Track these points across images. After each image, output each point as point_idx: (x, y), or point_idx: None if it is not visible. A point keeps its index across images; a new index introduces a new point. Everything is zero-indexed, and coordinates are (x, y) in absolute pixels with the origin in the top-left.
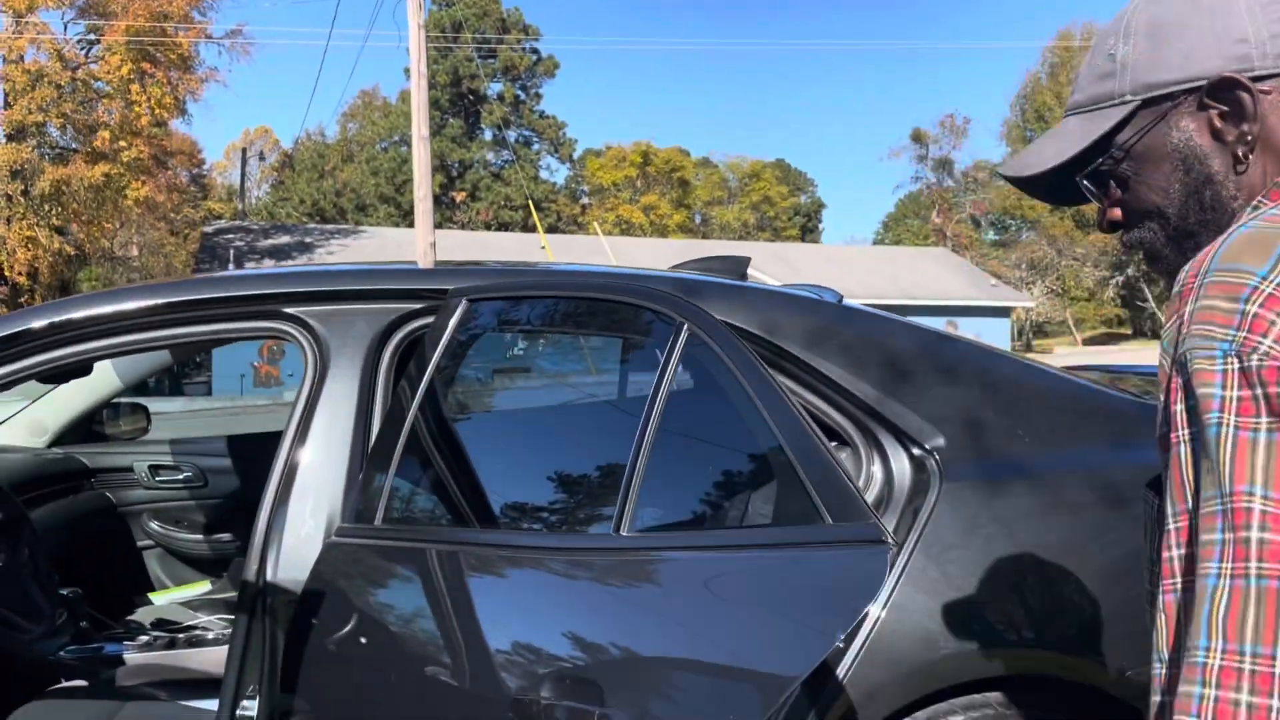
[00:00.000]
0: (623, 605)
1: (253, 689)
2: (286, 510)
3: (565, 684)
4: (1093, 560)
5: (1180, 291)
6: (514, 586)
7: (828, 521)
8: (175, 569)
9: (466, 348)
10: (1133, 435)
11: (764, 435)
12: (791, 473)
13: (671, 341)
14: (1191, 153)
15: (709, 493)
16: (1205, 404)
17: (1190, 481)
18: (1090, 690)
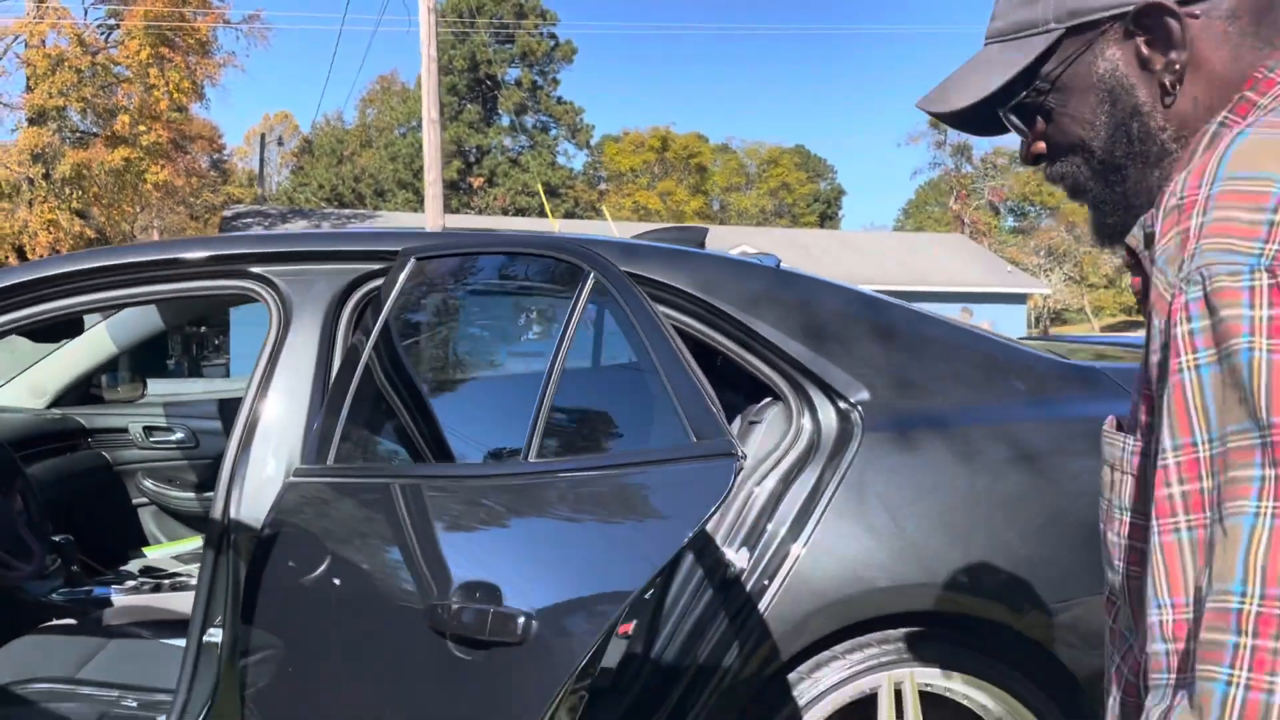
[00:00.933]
0: (523, 521)
1: (219, 619)
2: (249, 455)
3: (471, 590)
4: (1002, 506)
5: (1180, 204)
6: (442, 512)
7: (693, 440)
8: (169, 525)
9: (414, 300)
10: (1049, 393)
11: (650, 369)
12: (668, 399)
13: (579, 289)
14: (1118, 83)
15: (604, 420)
16: (1232, 326)
17: (1200, 411)
18: (998, 626)
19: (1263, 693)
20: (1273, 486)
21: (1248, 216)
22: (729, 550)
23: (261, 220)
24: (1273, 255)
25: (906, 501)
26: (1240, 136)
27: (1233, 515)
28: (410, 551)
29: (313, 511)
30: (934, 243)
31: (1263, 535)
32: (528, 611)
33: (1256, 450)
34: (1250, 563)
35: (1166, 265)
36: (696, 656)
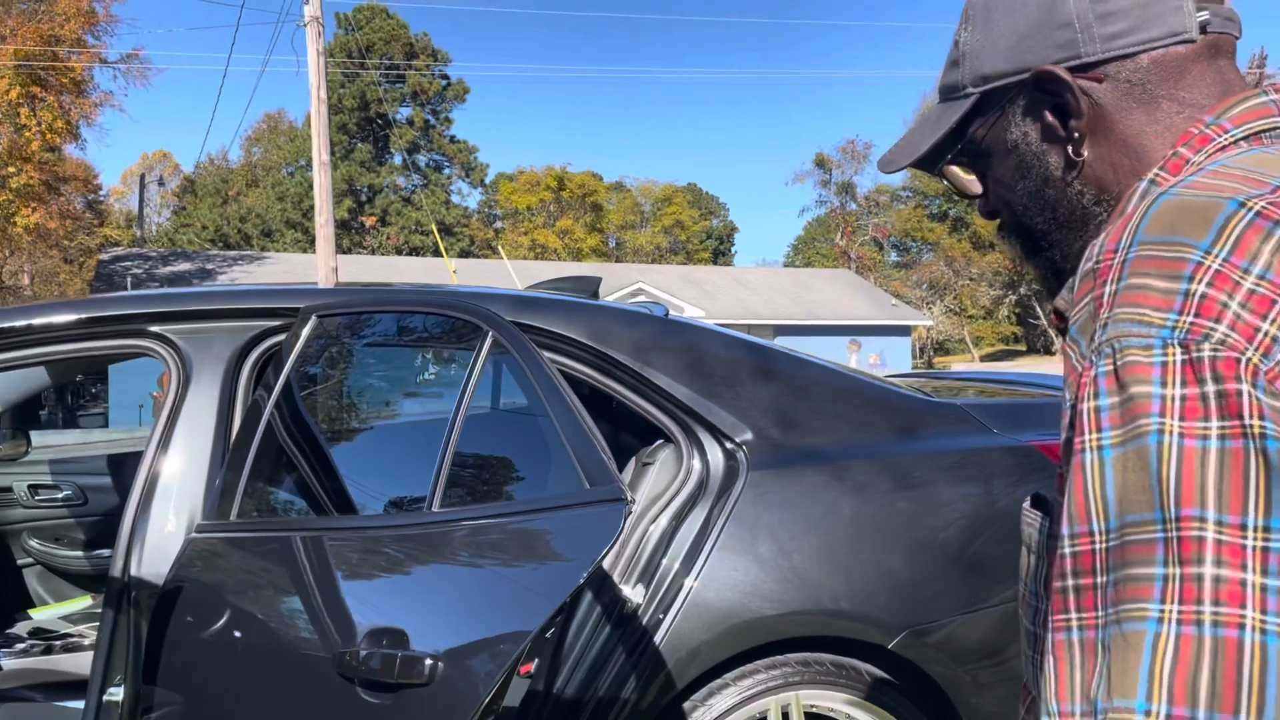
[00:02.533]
0: (427, 568)
1: (119, 678)
2: (150, 512)
3: (378, 636)
4: (876, 535)
5: (1095, 269)
6: (347, 562)
7: (586, 486)
8: (56, 585)
9: (316, 357)
10: (917, 428)
11: (545, 421)
12: (563, 449)
13: (478, 347)
14: (1029, 150)
15: (502, 471)
16: (1140, 405)
17: (1099, 497)
18: (874, 648)
19: None
20: (1177, 587)
21: (1163, 285)
22: (626, 587)
23: (141, 263)
24: (1187, 328)
25: (790, 533)
26: (1163, 197)
27: (1132, 619)
28: (316, 602)
29: (216, 567)
30: (823, 278)
31: (1167, 645)
32: (434, 654)
33: (1159, 545)
34: (1155, 677)
35: (1079, 335)
36: (597, 689)
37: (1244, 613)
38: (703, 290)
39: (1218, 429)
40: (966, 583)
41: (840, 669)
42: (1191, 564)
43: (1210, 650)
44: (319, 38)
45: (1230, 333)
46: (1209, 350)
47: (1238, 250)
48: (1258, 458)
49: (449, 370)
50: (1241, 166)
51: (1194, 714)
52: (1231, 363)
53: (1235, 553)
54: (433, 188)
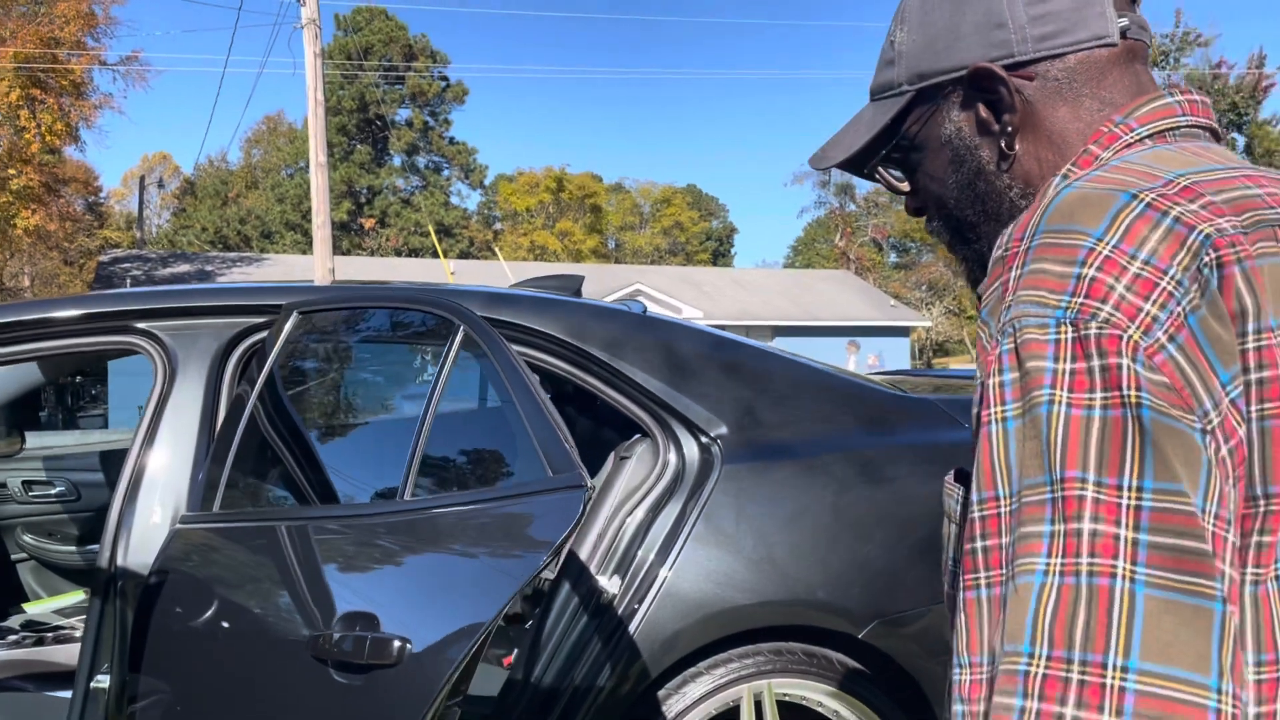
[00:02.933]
0: (398, 554)
1: (105, 666)
2: (135, 504)
3: (351, 620)
4: (849, 527)
5: (1004, 256)
6: (322, 550)
7: (550, 474)
8: (49, 580)
9: (298, 352)
10: (886, 421)
11: (512, 412)
12: (528, 438)
13: (450, 340)
14: (962, 144)
15: (471, 460)
16: (1035, 379)
17: (1003, 465)
18: (846, 637)
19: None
20: (1062, 542)
21: (1058, 269)
22: (602, 578)
23: (141, 264)
24: (1078, 309)
25: (762, 524)
26: (1066, 190)
27: (1023, 573)
28: (293, 588)
29: (200, 556)
30: (821, 279)
31: (1050, 594)
32: (402, 636)
33: (1048, 505)
34: (1038, 624)
35: (989, 317)
36: (574, 678)
37: (1115, 564)
38: (701, 291)
39: (1101, 399)
40: (938, 574)
41: (812, 658)
42: (1073, 520)
43: (1086, 597)
44: (316, 40)
45: (1115, 312)
46: (1095, 328)
47: (1127, 238)
48: (1134, 425)
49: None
50: (1141, 162)
51: (1069, 655)
52: (1114, 339)
53: (1111, 510)
54: (432, 189)
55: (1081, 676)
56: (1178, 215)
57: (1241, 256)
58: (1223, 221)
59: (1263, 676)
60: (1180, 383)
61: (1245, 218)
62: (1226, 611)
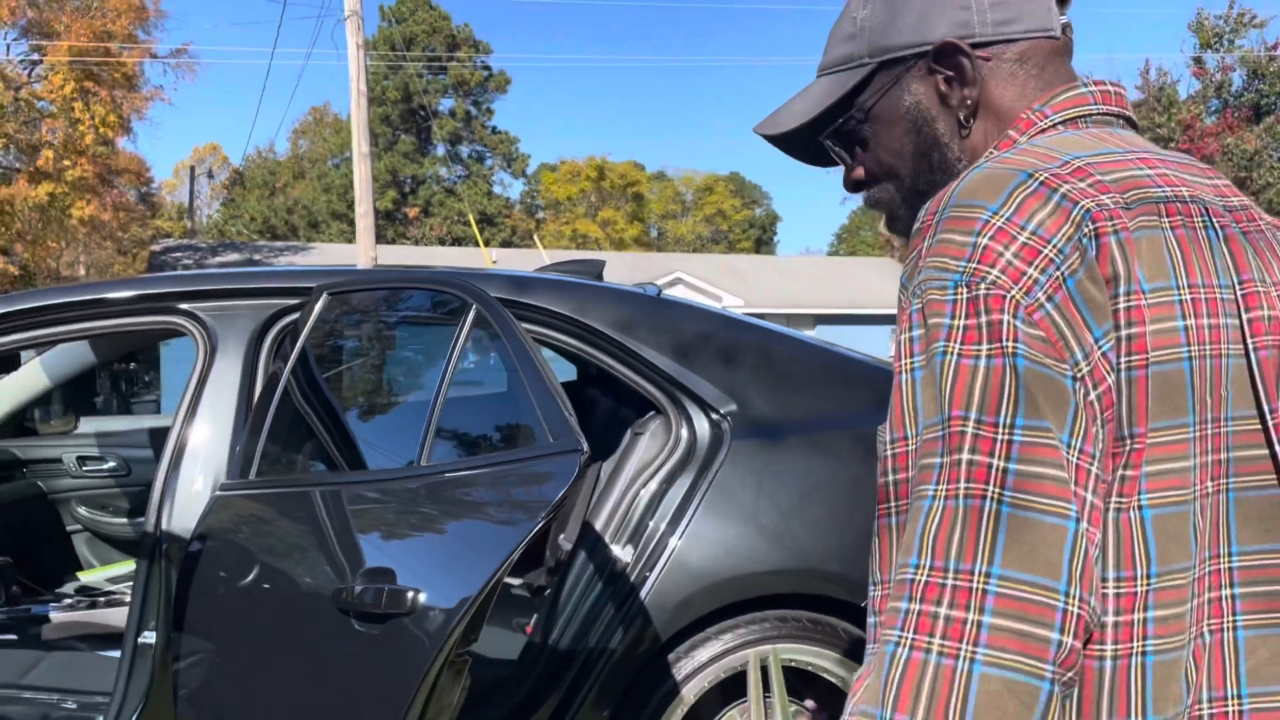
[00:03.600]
0: (413, 514)
1: (152, 623)
2: (179, 473)
3: (371, 574)
4: (853, 499)
5: (920, 228)
6: (349, 511)
7: (550, 439)
8: (102, 550)
9: (328, 331)
10: None
11: (518, 384)
12: (532, 407)
13: (463, 318)
14: (921, 115)
15: (482, 428)
16: (934, 333)
17: (910, 409)
18: (852, 606)
19: (922, 651)
20: (947, 471)
21: (959, 239)
22: (616, 547)
23: (192, 254)
24: (971, 272)
25: (770, 497)
26: (975, 170)
27: (918, 498)
28: (322, 548)
29: (237, 520)
30: (864, 267)
31: (935, 515)
32: (415, 587)
33: (939, 440)
34: (924, 539)
35: (907, 281)
36: (588, 641)
37: (986, 487)
38: (742, 279)
39: (986, 350)
40: None
41: (817, 625)
42: (956, 452)
43: (961, 517)
44: (359, 31)
45: (1001, 275)
46: (984, 289)
47: (1019, 211)
48: (1010, 372)
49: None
50: (1046, 145)
51: (946, 564)
52: (999, 299)
53: (986, 443)
54: (475, 178)
55: (954, 582)
56: (1065, 192)
57: (1118, 229)
58: (1105, 198)
59: (1121, 590)
60: (1055, 336)
61: (1129, 195)
62: (1080, 529)
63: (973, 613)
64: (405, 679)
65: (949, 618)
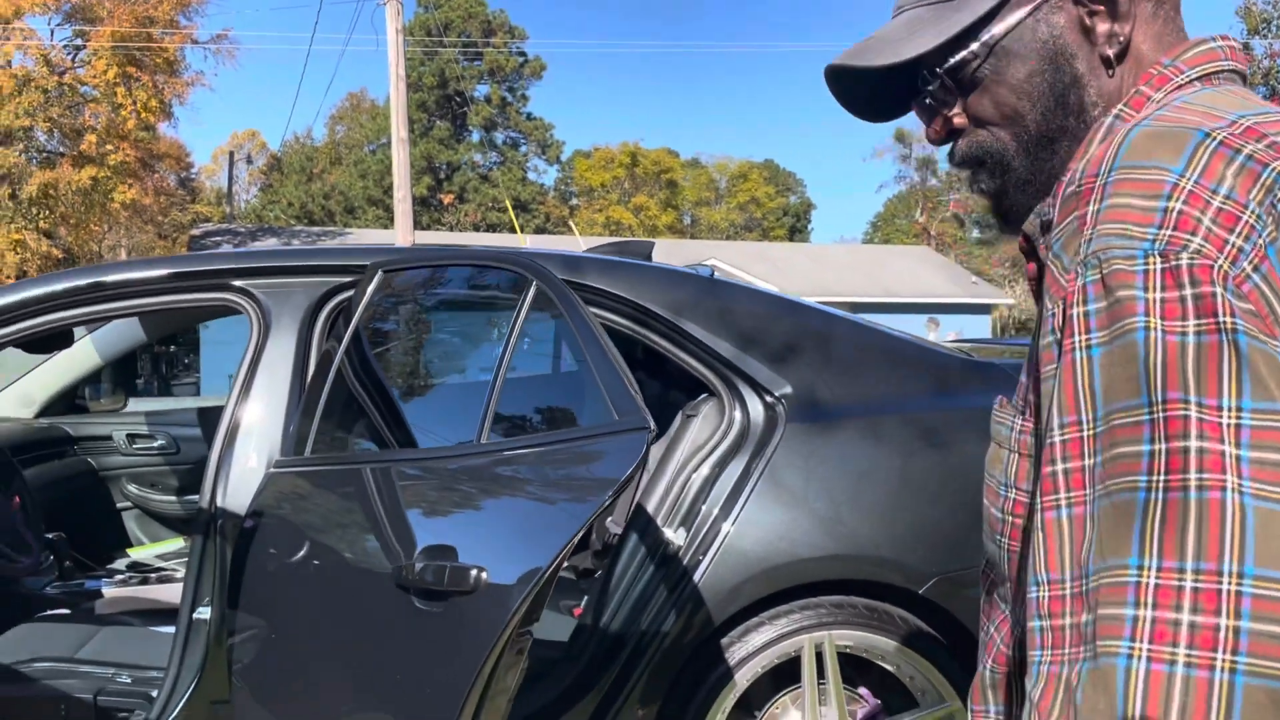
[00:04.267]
0: (474, 492)
1: (207, 599)
2: (233, 451)
3: (431, 551)
4: (908, 484)
5: (1079, 191)
6: (405, 489)
7: (615, 417)
8: (151, 528)
9: (383, 309)
10: (951, 385)
11: (581, 359)
12: (595, 385)
13: (523, 295)
14: (1061, 51)
15: (542, 405)
16: (1127, 307)
17: (1087, 390)
18: (907, 593)
19: (1165, 663)
20: (1164, 460)
21: (1142, 203)
22: (668, 530)
23: (230, 238)
24: (1165, 240)
25: (824, 483)
26: (1137, 128)
27: (1122, 491)
28: (378, 524)
29: (292, 497)
30: (900, 255)
31: (1156, 508)
32: (478, 565)
33: (1145, 426)
34: (1146, 535)
35: (1062, 250)
36: (640, 624)
37: (1224, 478)
38: (776, 267)
39: (1194, 326)
40: None
41: (873, 612)
42: (1177, 439)
43: (1195, 510)
44: (398, 16)
45: (1204, 244)
46: (1186, 259)
47: (1206, 174)
48: (1230, 349)
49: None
50: (1200, 103)
51: (1181, 565)
52: (1206, 269)
53: (1214, 429)
54: (509, 165)
55: (1195, 584)
56: (1249, 153)
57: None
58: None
59: None
60: (1265, 310)
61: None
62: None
63: (1226, 617)
64: (467, 659)
65: (1195, 624)
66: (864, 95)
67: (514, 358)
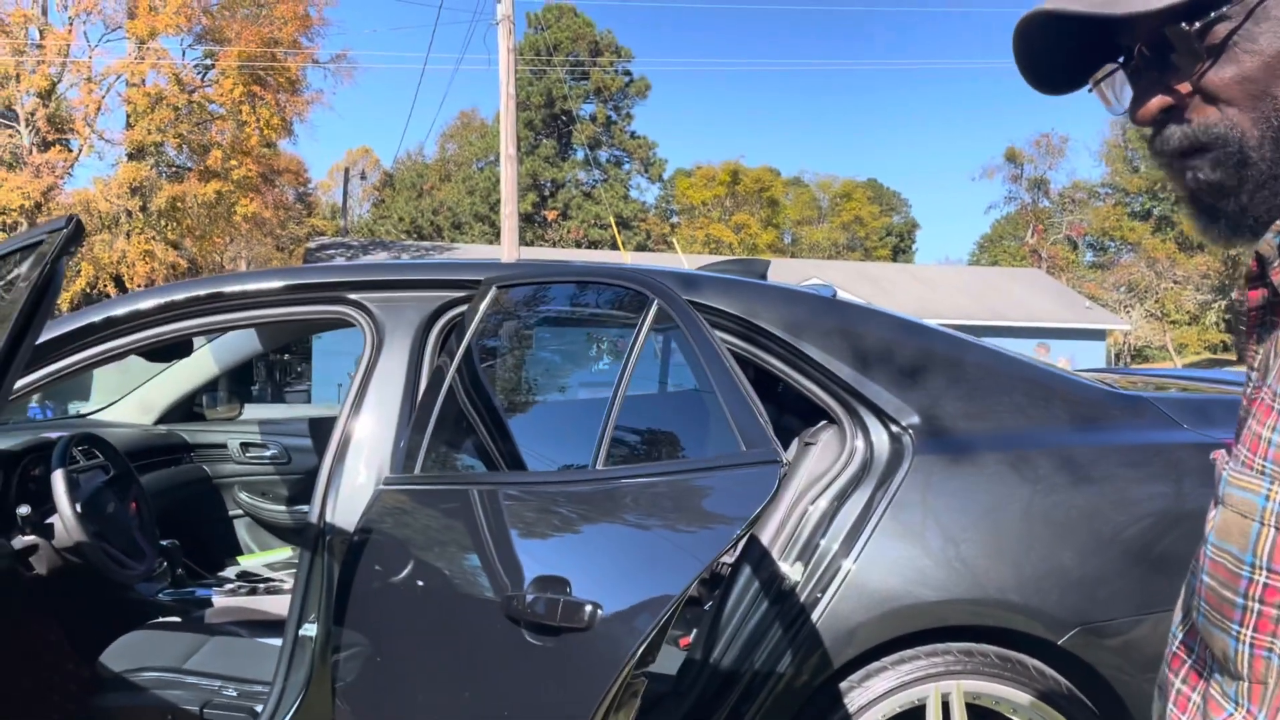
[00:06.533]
0: (590, 522)
1: (313, 616)
2: (344, 465)
3: (543, 583)
4: (1048, 527)
5: None
6: (516, 514)
7: (743, 448)
8: (261, 536)
9: (496, 325)
10: (1094, 418)
11: (705, 385)
12: (720, 411)
13: (644, 314)
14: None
15: (663, 431)
16: None
17: None
18: (1042, 643)
19: None
20: None
21: None
22: (784, 564)
23: (344, 251)
24: None
25: (955, 520)
26: None
27: None
28: (488, 550)
29: (401, 516)
30: (1009, 277)
31: None
32: (594, 601)
33: None
34: None
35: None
36: (753, 663)
37: None
38: (879, 287)
39: None
40: (1149, 583)
41: (1006, 662)
42: None
43: None
44: (510, 36)
45: None
46: None
47: None
48: None
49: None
50: None
51: None
52: None
53: None
54: (612, 182)
55: None
56: None
57: None
58: None
59: None
60: None
61: None
62: None
63: None
64: (580, 700)
65: None
66: (1054, 56)
67: (632, 380)
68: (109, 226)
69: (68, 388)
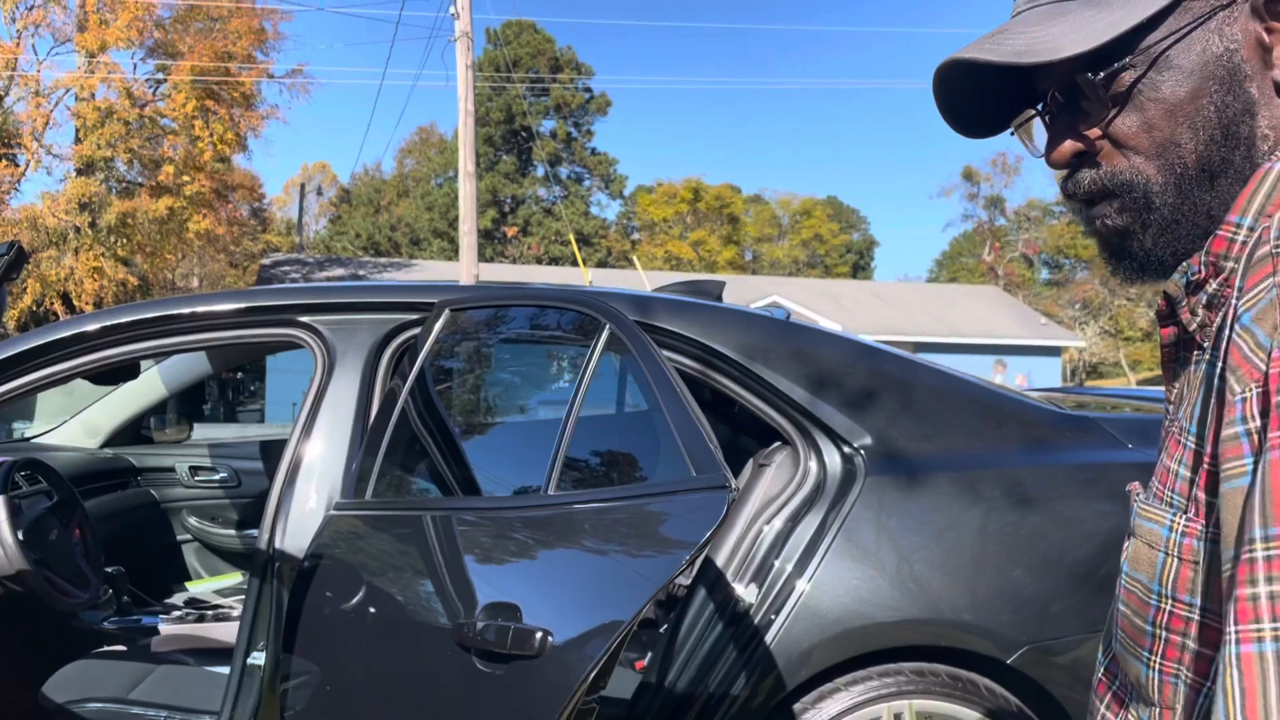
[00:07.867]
0: (541, 548)
1: (262, 644)
2: (294, 490)
3: (494, 610)
4: (997, 546)
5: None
6: (468, 540)
7: (693, 473)
8: (210, 561)
9: (449, 348)
10: (1042, 439)
11: (656, 410)
12: (671, 437)
13: (596, 338)
14: (1235, 70)
15: (614, 456)
16: None
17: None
18: (993, 662)
19: None
20: None
21: None
22: (739, 586)
23: (299, 268)
24: None
25: (907, 540)
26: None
27: None
28: (440, 576)
29: (351, 542)
30: (967, 294)
31: None
32: (544, 628)
33: None
34: None
35: (1255, 324)
36: (708, 685)
37: None
38: (839, 304)
39: None
40: (1096, 602)
41: (957, 681)
42: None
43: None
44: (468, 52)
45: None
46: None
47: None
48: None
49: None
50: None
51: None
52: None
53: None
54: (573, 199)
55: None
56: None
57: None
58: None
59: None
60: None
61: None
62: None
63: None
64: None
65: None
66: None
67: (583, 405)
68: (56, 243)
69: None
